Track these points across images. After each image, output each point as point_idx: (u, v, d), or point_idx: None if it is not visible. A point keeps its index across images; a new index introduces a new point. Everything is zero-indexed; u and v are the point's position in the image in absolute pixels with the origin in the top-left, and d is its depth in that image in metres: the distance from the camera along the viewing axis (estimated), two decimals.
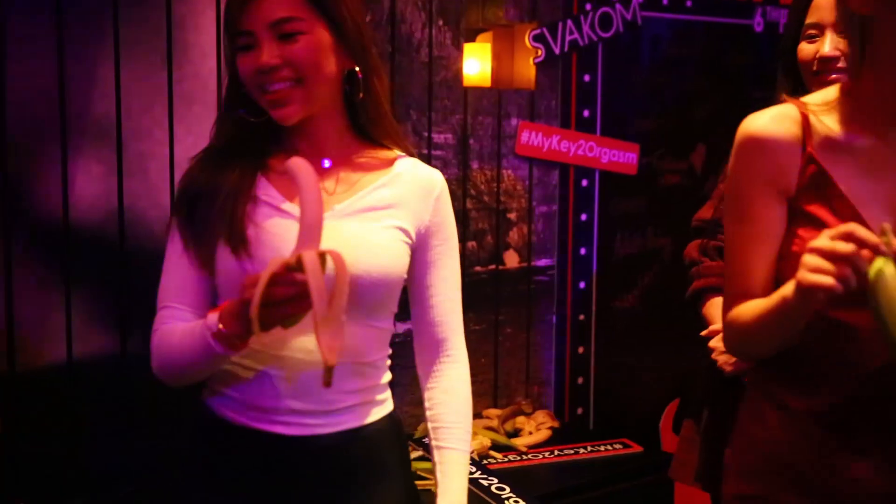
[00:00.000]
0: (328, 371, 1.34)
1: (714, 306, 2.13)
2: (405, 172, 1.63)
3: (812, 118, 1.37)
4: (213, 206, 1.52)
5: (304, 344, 1.51)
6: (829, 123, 1.37)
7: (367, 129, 1.61)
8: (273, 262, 1.32)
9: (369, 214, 1.58)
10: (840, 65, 1.87)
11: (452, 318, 1.69)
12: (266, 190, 1.55)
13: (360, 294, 1.50)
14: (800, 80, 1.97)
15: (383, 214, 1.58)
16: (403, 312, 1.64)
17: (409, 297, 1.67)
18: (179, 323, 1.54)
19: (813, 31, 1.91)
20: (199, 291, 1.56)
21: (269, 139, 1.59)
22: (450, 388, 1.69)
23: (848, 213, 1.33)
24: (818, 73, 1.90)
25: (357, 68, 1.55)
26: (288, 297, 1.31)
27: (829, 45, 1.88)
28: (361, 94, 1.56)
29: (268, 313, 1.32)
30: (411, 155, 1.67)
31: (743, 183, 1.40)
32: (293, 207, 1.53)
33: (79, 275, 2.38)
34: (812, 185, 1.36)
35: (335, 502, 1.56)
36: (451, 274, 1.67)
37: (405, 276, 1.61)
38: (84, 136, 2.38)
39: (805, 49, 1.92)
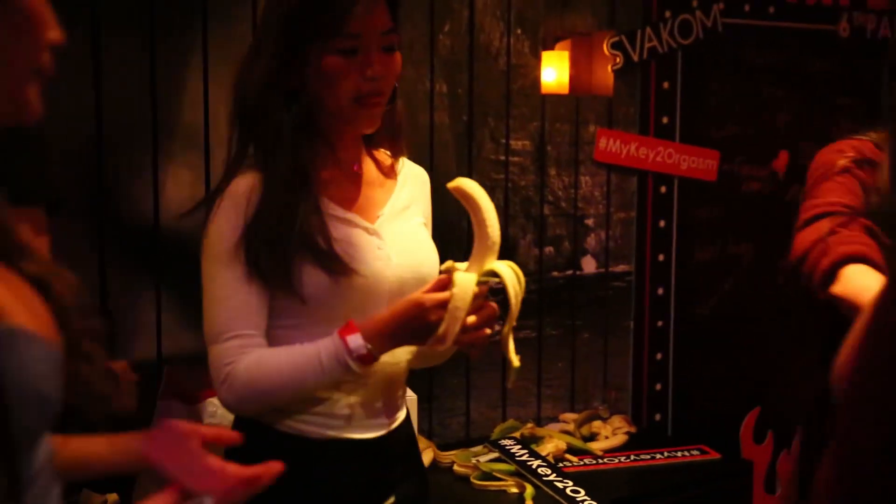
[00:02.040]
0: (513, 372, 1.52)
1: (854, 274, 1.66)
2: (408, 171, 1.67)
3: None
4: (291, 229, 1.47)
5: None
6: None
7: (386, 135, 1.62)
8: (466, 282, 1.42)
9: (406, 213, 1.61)
10: None
11: None
12: (327, 205, 1.54)
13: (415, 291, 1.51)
14: None
15: (412, 213, 1.62)
16: None
17: None
18: (276, 349, 1.50)
19: None
20: (263, 316, 1.53)
21: (308, 150, 1.55)
22: None
23: None
24: None
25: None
26: (486, 314, 1.48)
27: None
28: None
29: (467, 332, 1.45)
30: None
31: None
32: (354, 216, 1.56)
33: (168, 277, 2.46)
34: None
35: (390, 494, 1.62)
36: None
37: None
38: (174, 142, 2.47)
39: None
